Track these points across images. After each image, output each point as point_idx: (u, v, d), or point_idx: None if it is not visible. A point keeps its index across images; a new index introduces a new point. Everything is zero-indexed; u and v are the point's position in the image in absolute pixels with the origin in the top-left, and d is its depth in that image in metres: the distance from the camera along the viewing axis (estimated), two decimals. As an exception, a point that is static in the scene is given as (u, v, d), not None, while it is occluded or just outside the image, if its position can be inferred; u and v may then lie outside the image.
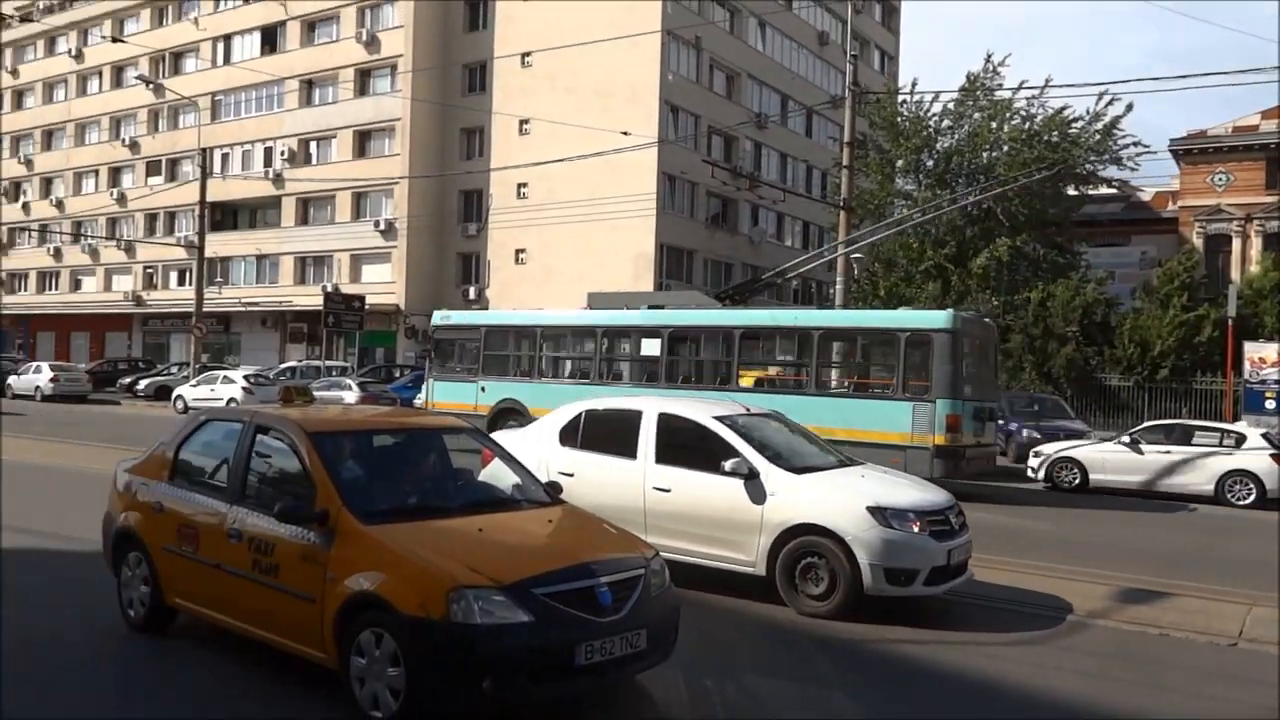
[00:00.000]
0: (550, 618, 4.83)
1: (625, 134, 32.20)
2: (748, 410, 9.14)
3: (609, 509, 7.24)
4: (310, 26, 45.96)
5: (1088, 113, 29.77)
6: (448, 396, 20.51)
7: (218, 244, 44.90)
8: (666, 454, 8.19)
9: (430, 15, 42.88)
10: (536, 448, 8.82)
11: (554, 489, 6.47)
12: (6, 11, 35.81)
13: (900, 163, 31.79)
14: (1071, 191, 31.27)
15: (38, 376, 36.40)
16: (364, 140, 44.42)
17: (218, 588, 5.83)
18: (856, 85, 24.45)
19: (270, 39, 47.20)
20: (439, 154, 43.18)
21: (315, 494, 5.40)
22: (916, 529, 7.45)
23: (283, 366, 37.86)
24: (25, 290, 57.95)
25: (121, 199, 52.23)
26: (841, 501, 7.55)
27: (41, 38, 56.07)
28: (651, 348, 18.12)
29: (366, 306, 37.29)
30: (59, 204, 55.44)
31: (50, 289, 56.76)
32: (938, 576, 7.51)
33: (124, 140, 52.58)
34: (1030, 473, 17.68)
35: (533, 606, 4.80)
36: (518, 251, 41.50)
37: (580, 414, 8.99)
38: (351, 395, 27.20)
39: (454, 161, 42.92)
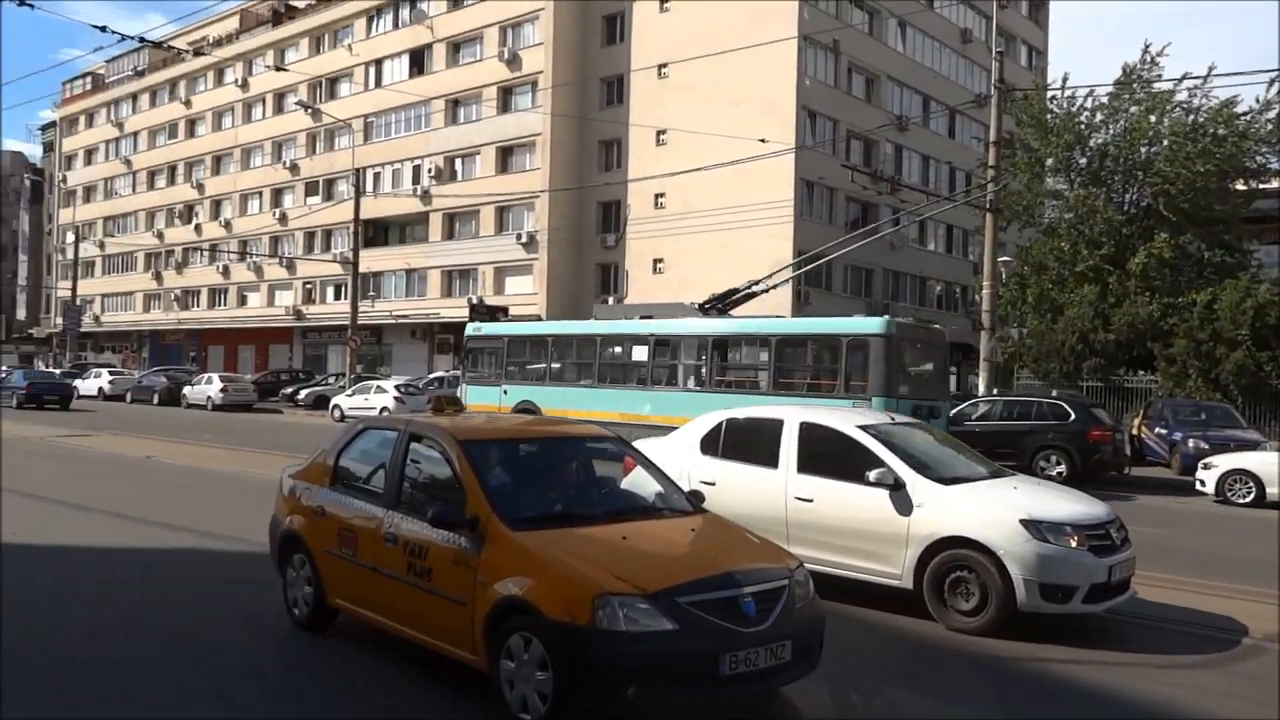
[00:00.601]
0: (694, 627, 4.84)
1: (762, 141, 32.02)
2: (892, 419, 8.95)
3: (751, 518, 7.21)
4: (455, 48, 47.58)
5: (1258, 101, 27.92)
6: (478, 399, 22.70)
7: (370, 259, 46.90)
8: (809, 463, 8.09)
9: (569, 31, 43.76)
10: (677, 456, 8.86)
11: (696, 498, 6.48)
12: (181, 46, 38.61)
13: (1050, 161, 30.51)
14: (1240, 186, 29.35)
15: (209, 387, 38.85)
16: (506, 155, 45.63)
17: (375, 590, 6.07)
18: (1002, 83, 23.66)
19: (418, 61, 49.08)
20: (578, 167, 43.99)
21: (466, 500, 5.56)
22: (1074, 543, 7.13)
23: (431, 376, 39.17)
24: (197, 306, 61.88)
25: (283, 219, 55.21)
26: (993, 514, 7.29)
27: (212, 70, 59.87)
28: (640, 354, 20.47)
29: (510, 317, 38.22)
30: (227, 224, 59.02)
31: (220, 305, 60.43)
32: (1098, 594, 7.16)
33: (285, 163, 55.61)
34: (1199, 485, 16.70)
35: (677, 615, 4.82)
36: (655, 261, 41.83)
37: (721, 423, 8.98)
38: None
39: (592, 173, 43.65)
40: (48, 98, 74.12)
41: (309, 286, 54.69)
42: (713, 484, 8.34)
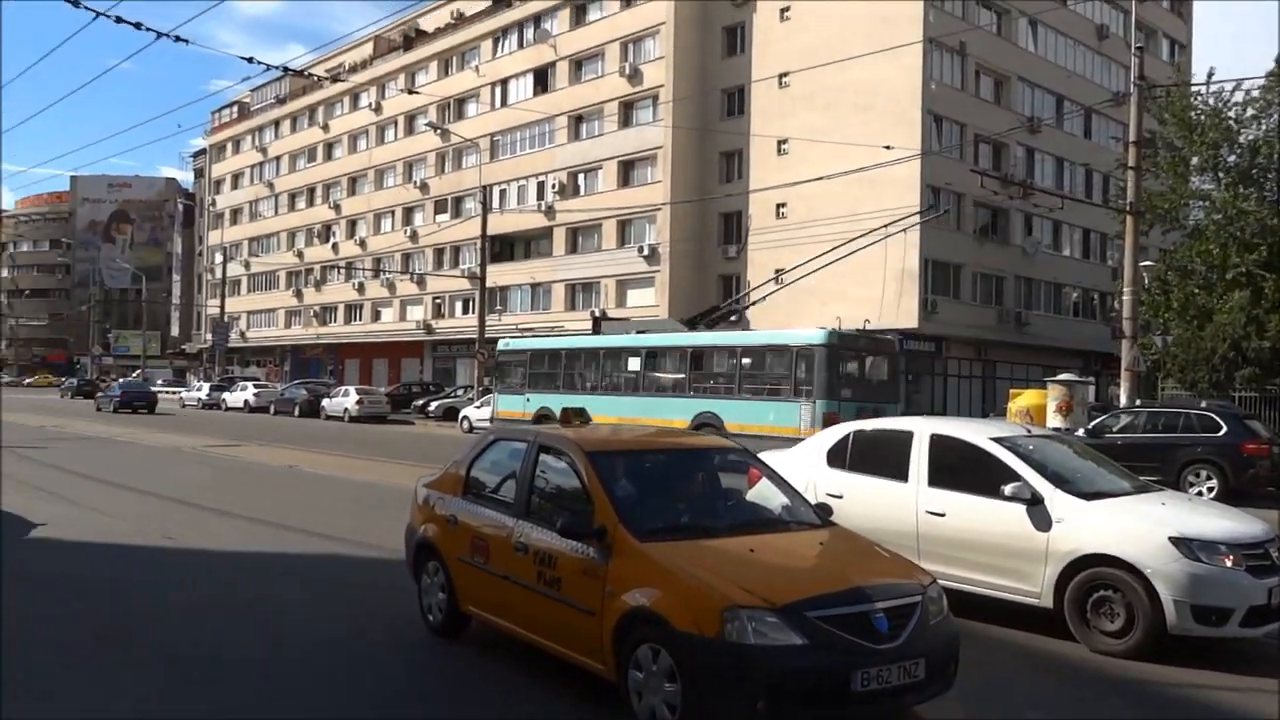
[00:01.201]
0: (824, 642, 4.77)
1: (887, 148, 31.48)
2: (1028, 431, 8.66)
3: (879, 533, 7.07)
4: (577, 65, 48.38)
5: None
6: (507, 406, 26.66)
7: (497, 274, 48.01)
8: (940, 476, 7.87)
9: (689, 44, 43.96)
10: (803, 468, 8.75)
11: (824, 510, 6.39)
12: (319, 74, 40.49)
13: (1195, 160, 29.03)
14: None
15: (345, 399, 40.42)
16: (628, 169, 46.09)
17: (506, 597, 6.19)
18: (1143, 79, 22.63)
19: (542, 79, 50.10)
20: (699, 178, 44.09)
21: (593, 511, 5.63)
22: (1229, 563, 6.74)
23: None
24: (334, 322, 64.52)
25: (413, 236, 57.09)
26: (1139, 531, 6.95)
27: (347, 95, 62.48)
28: (634, 364, 23.48)
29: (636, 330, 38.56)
30: (362, 243, 61.36)
31: (355, 320, 62.84)
32: (1256, 617, 6.73)
33: (416, 182, 57.53)
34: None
35: (806, 629, 4.76)
36: (777, 271, 41.48)
37: (848, 434, 8.84)
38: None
39: (713, 185, 43.68)
40: (199, 127, 78.57)
41: (438, 301, 56.34)
42: (840, 497, 8.21)
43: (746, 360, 21.41)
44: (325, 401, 41.75)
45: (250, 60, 17.79)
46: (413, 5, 59.89)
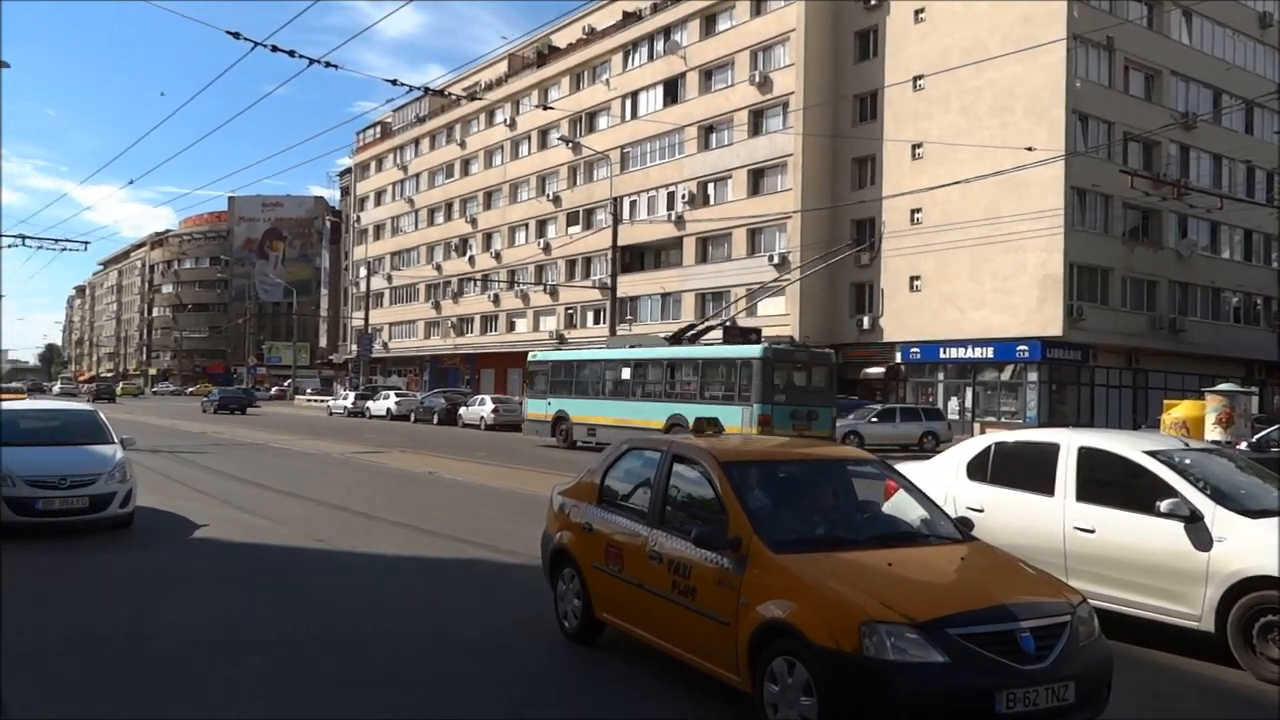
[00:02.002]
0: (966, 660, 4.63)
1: (1029, 149, 30.41)
2: (1186, 444, 8.19)
3: (1023, 549, 6.82)
4: (707, 75, 48.49)
5: None
6: (534, 409, 31.28)
7: (627, 284, 48.50)
8: (1089, 491, 7.54)
9: (820, 50, 43.51)
10: (942, 481, 8.53)
11: (965, 525, 6.21)
12: (457, 92, 41.91)
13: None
14: None
15: (482, 408, 41.51)
16: (758, 178, 45.89)
17: (640, 605, 6.24)
18: (1311, 70, 21.19)
19: (671, 91, 50.42)
20: (830, 185, 43.53)
21: (728, 521, 5.62)
22: None
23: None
24: (471, 333, 66.35)
25: (546, 248, 58.24)
26: (1312, 552, 6.49)
27: (483, 112, 64.30)
28: (626, 373, 27.68)
29: (763, 339, 38.29)
30: (497, 255, 62.97)
31: (491, 330, 64.48)
32: None
33: (548, 195, 58.70)
34: None
35: (948, 647, 4.64)
36: (912, 279, 40.61)
37: (990, 446, 8.56)
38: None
39: (845, 192, 43.04)
40: (344, 148, 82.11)
41: (570, 312, 57.28)
42: (980, 511, 7.97)
43: (706, 371, 25.49)
44: (462, 410, 43.02)
45: (394, 82, 18.52)
46: (546, 22, 61.28)
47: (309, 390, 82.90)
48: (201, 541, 11.45)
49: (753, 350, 24.10)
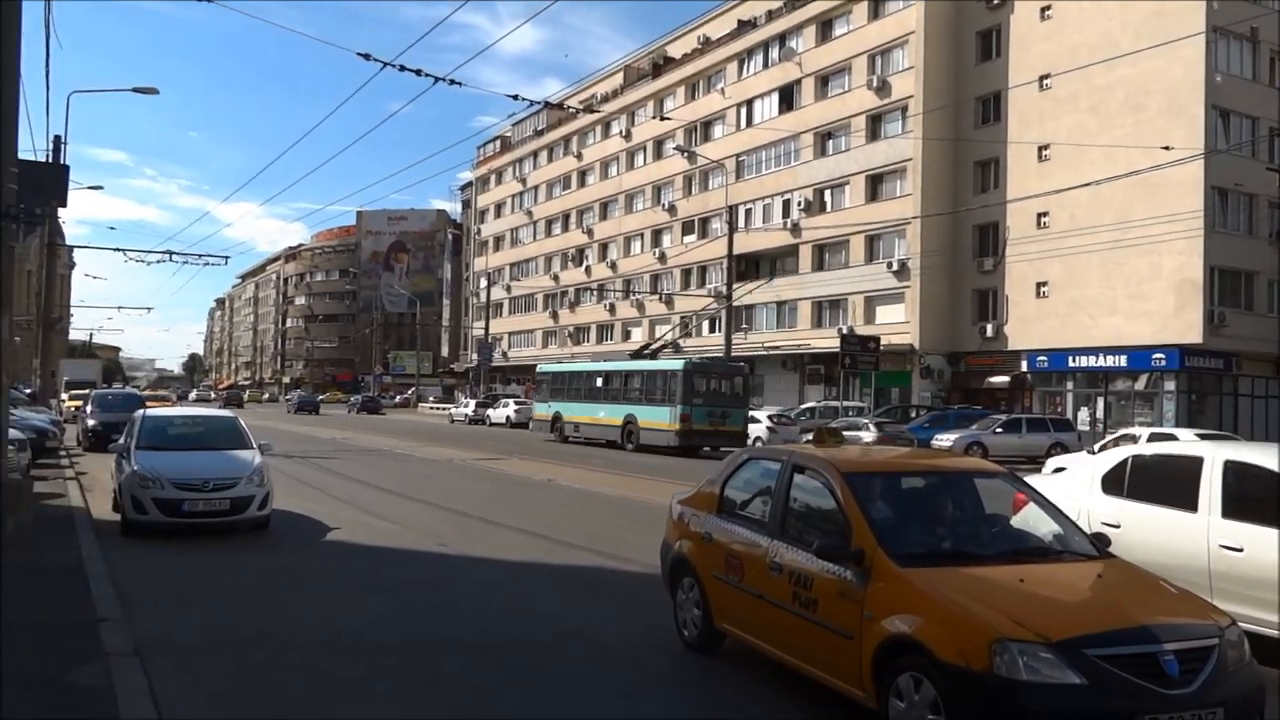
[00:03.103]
0: (1105, 683, 4.43)
1: (1166, 148, 29.06)
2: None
3: (1164, 567, 6.51)
4: (823, 81, 47.97)
5: None
6: (539, 411, 38.78)
7: (742, 293, 48.24)
8: (1236, 507, 7.13)
9: (940, 53, 42.56)
10: (1075, 494, 8.21)
11: (1101, 541, 5.95)
12: (574, 105, 42.64)
13: None
14: None
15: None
16: (875, 184, 45.14)
17: (760, 616, 6.18)
18: None
19: (787, 98, 50.06)
20: (951, 190, 42.49)
21: (850, 533, 5.53)
22: None
23: (803, 407, 39.47)
24: (588, 341, 67.10)
25: (662, 257, 58.50)
26: None
27: (599, 124, 65.09)
28: (599, 382, 34.86)
29: (881, 347, 37.67)
30: (613, 265, 63.60)
31: (607, 339, 65.05)
32: None
33: (664, 205, 58.98)
34: None
35: (1085, 668, 4.44)
36: (1039, 285, 39.28)
37: (1126, 460, 8.19)
38: (868, 435, 27.52)
39: (967, 196, 41.94)
40: (466, 162, 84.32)
41: (686, 320, 57.33)
42: (1117, 526, 7.64)
43: (647, 381, 32.20)
44: None
45: (515, 97, 18.93)
46: (661, 34, 61.62)
47: (431, 398, 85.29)
48: (333, 544, 11.88)
49: (676, 364, 32.03)
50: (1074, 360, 37.97)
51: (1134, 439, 23.29)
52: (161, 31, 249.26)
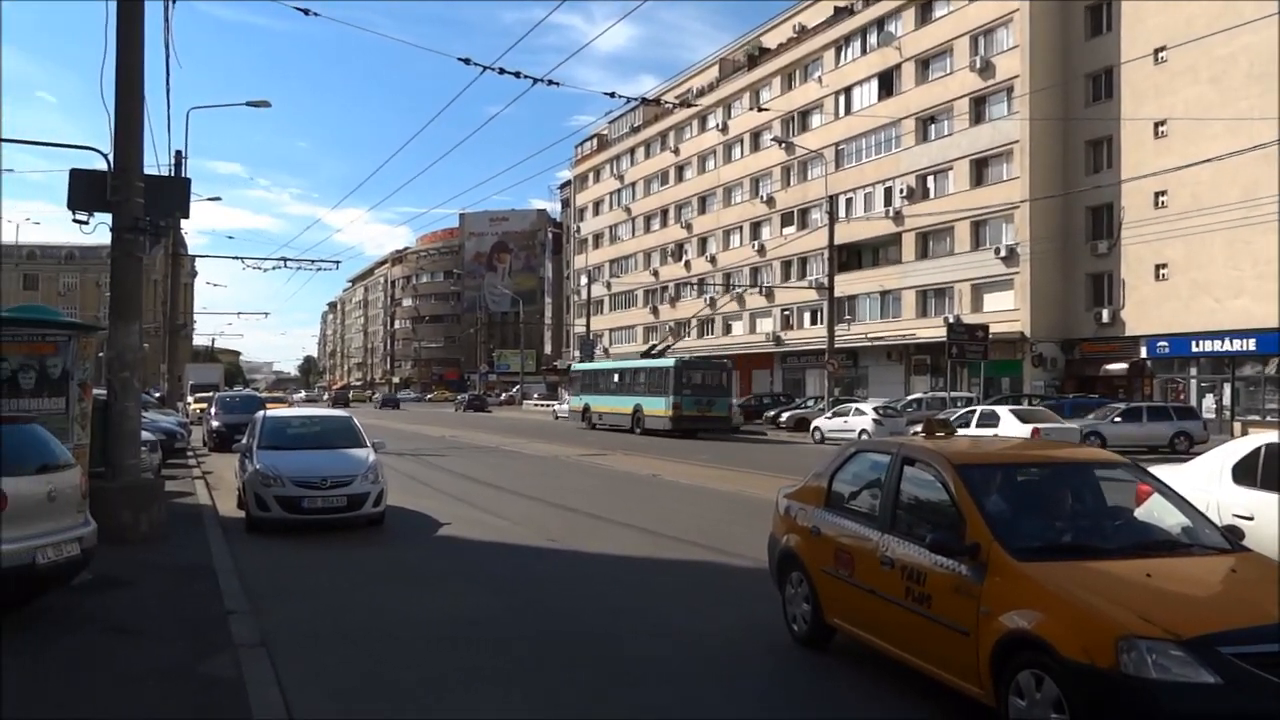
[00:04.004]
0: (1243, 682, 4.21)
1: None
2: None
3: (1305, 561, 6.15)
4: (924, 64, 46.90)
5: None
6: (574, 403, 45.82)
7: (844, 283, 47.59)
8: (1383, 497, 6.72)
9: (1047, 30, 41.16)
10: (1203, 485, 7.84)
11: (1234, 534, 5.67)
12: (670, 101, 42.56)
13: None
14: None
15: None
16: (980, 168, 43.93)
17: (871, 612, 6.08)
18: None
19: (886, 84, 49.11)
20: (1061, 172, 41.07)
21: (964, 527, 5.39)
22: None
23: (909, 398, 38.71)
24: (688, 336, 67.06)
25: (761, 250, 58.09)
26: None
27: (696, 118, 64.93)
28: (616, 378, 41.73)
29: (990, 335, 36.63)
30: (712, 259, 63.41)
31: (707, 334, 64.98)
32: None
33: (762, 197, 58.54)
34: None
35: (1220, 667, 4.23)
36: (1158, 267, 37.67)
37: (1259, 448, 7.78)
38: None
39: (1078, 178, 40.46)
40: (564, 162, 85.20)
41: (787, 313, 56.87)
42: (1250, 519, 7.26)
43: (647, 376, 38.98)
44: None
45: (611, 95, 19.03)
46: (755, 25, 61.12)
47: (535, 395, 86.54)
48: (445, 539, 12.15)
49: (668, 362, 38.58)
50: (1197, 345, 36.28)
51: None
52: (271, 45, 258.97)
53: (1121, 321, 39.24)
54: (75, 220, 11.59)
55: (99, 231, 11.96)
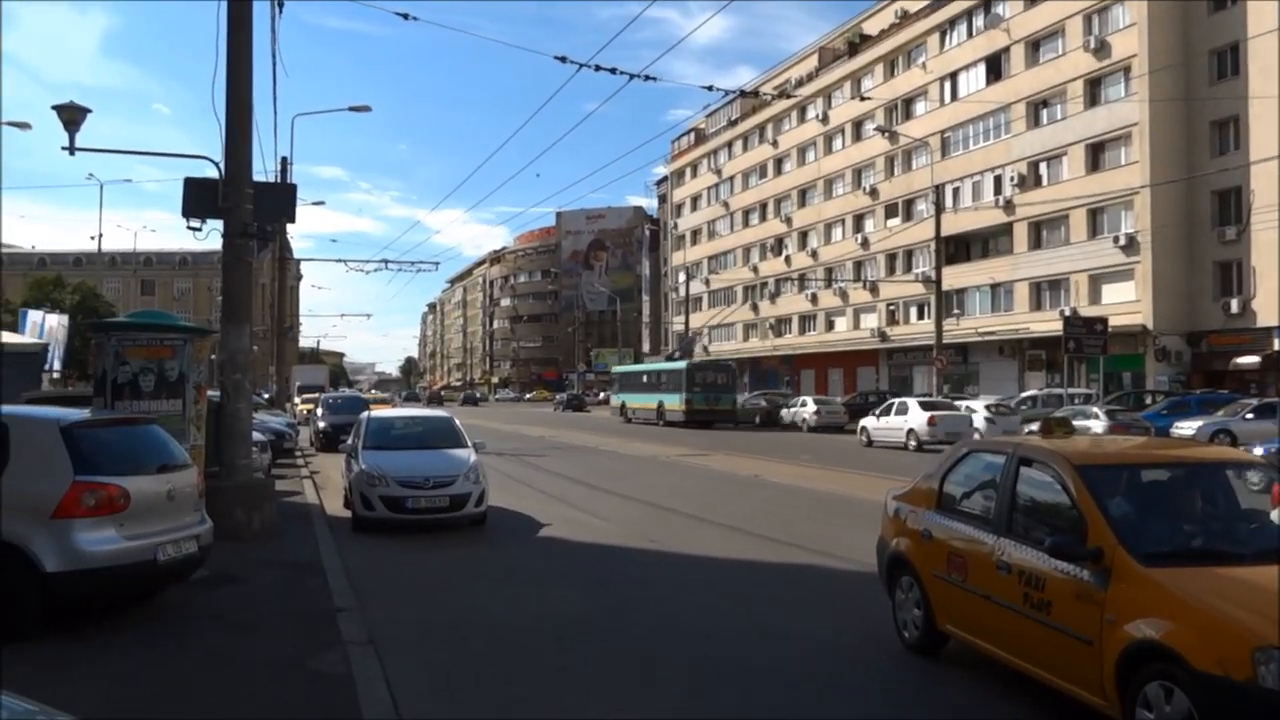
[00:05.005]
0: (1399, 700, 3.99)
1: None
2: None
3: None
4: (1034, 46, 45.50)
5: None
6: (614, 401, 54.04)
7: (953, 276, 46.51)
8: None
9: (1165, 6, 39.47)
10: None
11: (1384, 539, 5.35)
12: (768, 92, 42.08)
13: None
14: None
15: (804, 410, 41.45)
16: (1096, 153, 42.39)
17: (986, 618, 5.93)
18: None
19: (994, 67, 47.81)
20: (1184, 155, 39.37)
21: (1086, 530, 5.21)
22: None
23: (1023, 395, 37.59)
24: (789, 333, 66.57)
25: (864, 243, 57.21)
26: None
27: (795, 109, 64.34)
28: (645, 379, 50.57)
29: (1109, 329, 35.30)
30: (813, 253, 62.73)
31: (809, 330, 64.35)
32: None
33: (864, 188, 57.64)
34: None
35: (1369, 681, 4.01)
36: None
37: None
38: (1099, 424, 25.87)
39: (1202, 160, 38.71)
40: (661, 157, 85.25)
41: (892, 308, 55.88)
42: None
43: (665, 376, 47.02)
44: (784, 411, 43.23)
45: (709, 88, 19.01)
46: (856, 12, 60.19)
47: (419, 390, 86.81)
48: (545, 539, 12.32)
49: (680, 364, 47.17)
50: (1338, 336, 34.36)
51: None
52: (370, 50, 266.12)
53: (1252, 312, 37.41)
54: (189, 227, 12.14)
55: (210, 238, 12.48)
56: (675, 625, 7.78)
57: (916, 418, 29.62)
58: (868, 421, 32.86)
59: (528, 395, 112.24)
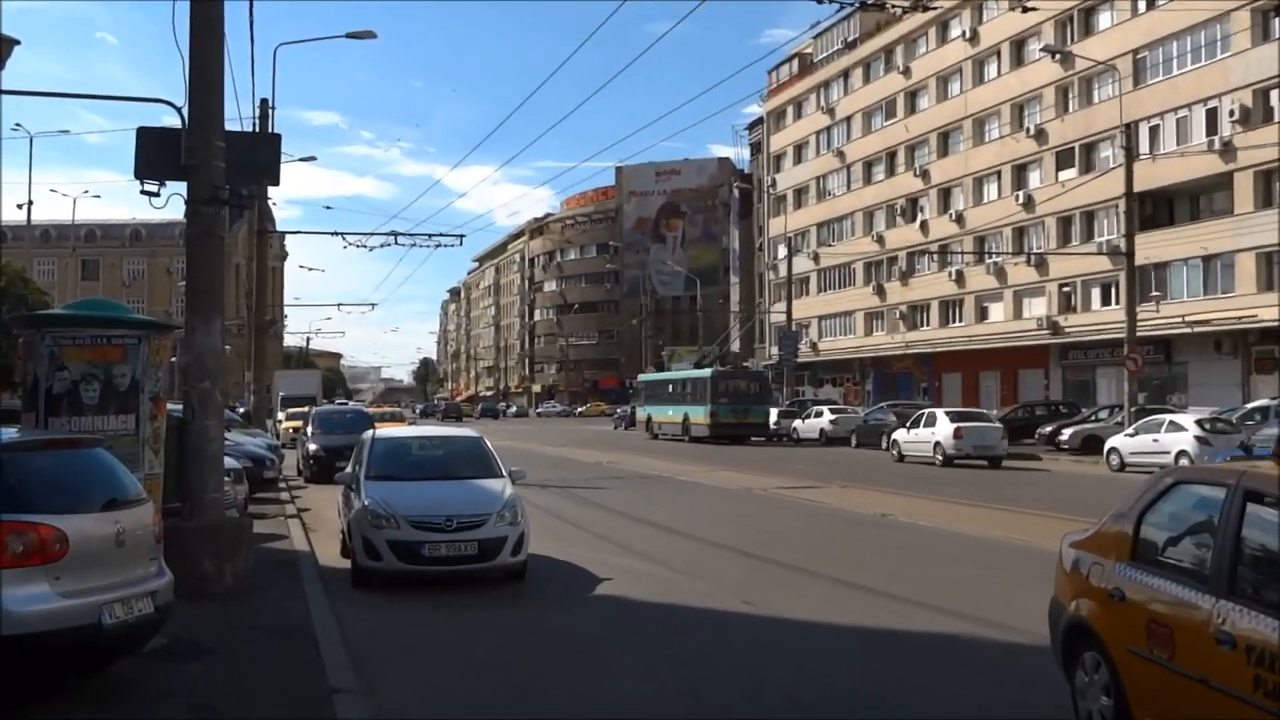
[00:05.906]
0: None
1: None
2: None
3: None
4: (1263, -68, 44.54)
5: None
6: (639, 414, 64.09)
7: (1150, 246, 45.57)
8: None
9: None
10: None
11: None
12: (895, 3, 41.62)
13: None
14: None
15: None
16: (1351, 76, 41.34)
17: (1203, 709, 5.79)
18: None
19: (1208, -38, 46.90)
20: None
21: (1342, 591, 5.08)
22: None
23: (1250, 406, 36.84)
24: (926, 325, 65.94)
25: (1028, 203, 56.51)
26: None
27: (934, 25, 63.84)
28: (670, 389, 58.85)
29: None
30: (958, 218, 62.16)
31: (953, 320, 63.69)
32: None
33: (1028, 130, 56.95)
34: None
35: None
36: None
37: None
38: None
39: None
40: (753, 95, 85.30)
41: (1066, 290, 55.12)
42: None
43: (690, 386, 54.56)
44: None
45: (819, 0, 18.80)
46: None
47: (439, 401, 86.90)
48: (605, 599, 12.35)
49: (705, 373, 53.97)
50: None
51: None
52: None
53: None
54: (144, 192, 12.29)
55: (171, 205, 12.68)
56: (792, 715, 7.73)
57: (943, 429, 34.60)
58: (899, 434, 38.54)
59: (579, 408, 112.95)
